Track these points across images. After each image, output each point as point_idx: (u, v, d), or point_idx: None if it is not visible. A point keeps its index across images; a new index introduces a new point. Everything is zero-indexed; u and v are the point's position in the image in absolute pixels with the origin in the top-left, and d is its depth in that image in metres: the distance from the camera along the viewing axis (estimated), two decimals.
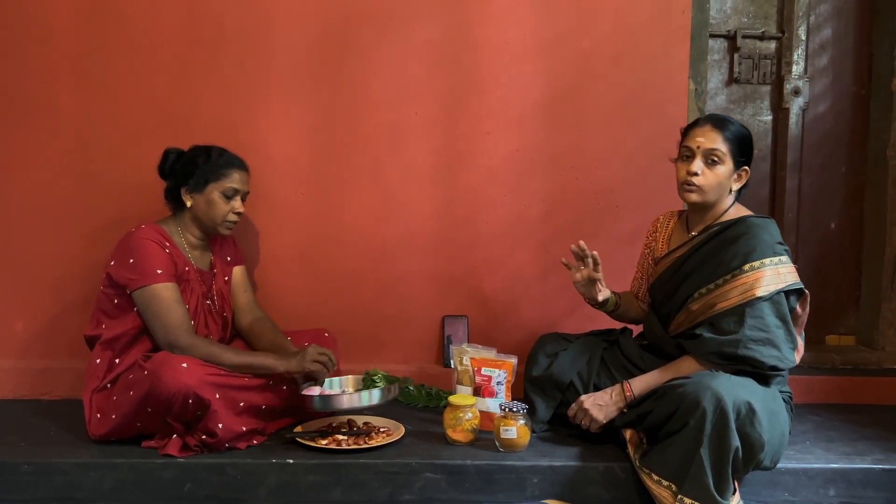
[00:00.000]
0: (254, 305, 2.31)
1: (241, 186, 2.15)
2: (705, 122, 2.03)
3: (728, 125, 2.00)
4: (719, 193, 2.01)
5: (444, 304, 2.55)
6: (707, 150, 1.98)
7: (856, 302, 2.87)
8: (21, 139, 2.42)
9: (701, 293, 1.98)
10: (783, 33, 2.78)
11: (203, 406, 1.88)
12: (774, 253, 1.94)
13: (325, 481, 1.89)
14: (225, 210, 2.13)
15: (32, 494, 1.85)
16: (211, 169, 2.11)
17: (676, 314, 2.05)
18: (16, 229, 2.44)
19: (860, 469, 1.97)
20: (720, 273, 1.95)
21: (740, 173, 2.02)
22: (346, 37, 2.47)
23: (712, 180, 1.98)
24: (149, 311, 1.99)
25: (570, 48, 2.51)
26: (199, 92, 2.44)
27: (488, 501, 1.90)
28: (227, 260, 2.28)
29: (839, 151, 2.84)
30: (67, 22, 2.40)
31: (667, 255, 2.12)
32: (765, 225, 2.00)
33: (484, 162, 2.53)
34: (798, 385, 2.46)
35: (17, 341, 2.45)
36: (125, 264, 2.01)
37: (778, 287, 1.91)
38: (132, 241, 2.03)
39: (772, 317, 1.90)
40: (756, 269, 1.91)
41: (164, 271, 2.01)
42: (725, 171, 1.99)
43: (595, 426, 1.99)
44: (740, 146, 1.99)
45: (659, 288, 2.12)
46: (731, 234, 1.99)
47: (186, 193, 2.12)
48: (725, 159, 1.98)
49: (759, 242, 1.94)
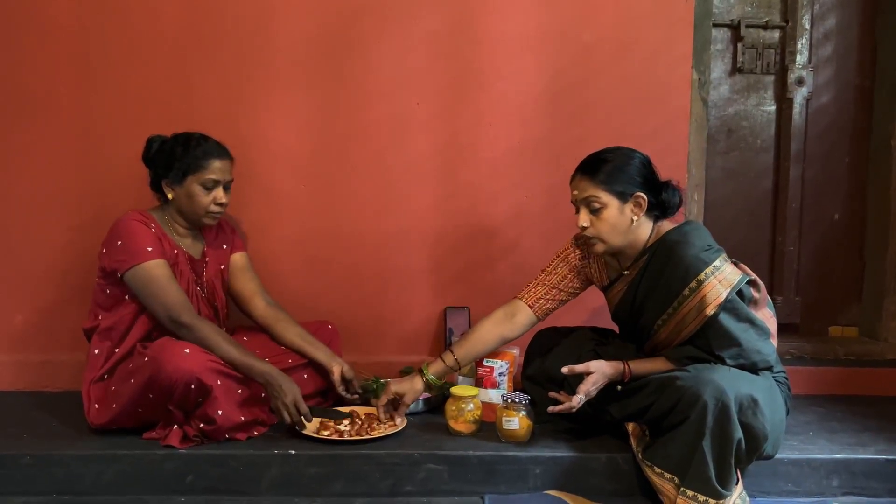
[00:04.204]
0: (263, 290, 2.25)
1: (221, 177, 2.08)
2: (577, 170, 1.97)
3: (598, 165, 1.92)
4: (621, 233, 1.92)
5: (445, 295, 2.54)
6: (584, 199, 1.93)
7: (859, 293, 2.86)
8: (21, 133, 2.42)
9: (658, 325, 1.93)
10: (787, 23, 2.76)
11: (205, 392, 1.87)
12: (706, 263, 1.84)
13: (326, 472, 1.88)
14: (206, 202, 2.07)
15: (33, 487, 1.85)
16: (189, 161, 2.04)
17: (647, 341, 2.01)
18: (16, 223, 2.44)
19: (864, 460, 1.96)
20: (668, 302, 1.89)
21: (637, 201, 1.91)
22: (347, 29, 2.45)
23: (603, 228, 1.92)
24: (145, 291, 1.96)
25: (573, 39, 2.50)
26: (199, 86, 2.43)
27: (490, 492, 1.90)
28: (223, 248, 2.24)
29: (843, 142, 2.83)
30: (67, 17, 2.39)
31: (610, 286, 2.07)
32: (683, 238, 1.90)
33: (485, 154, 2.52)
34: (801, 376, 2.47)
35: (17, 334, 2.45)
36: (114, 248, 2.00)
37: (726, 295, 1.83)
38: (118, 225, 2.02)
39: (734, 325, 1.84)
40: (695, 289, 1.84)
41: (153, 249, 1.99)
42: (613, 213, 1.90)
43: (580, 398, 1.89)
44: (620, 179, 1.90)
45: (619, 318, 2.10)
46: (659, 259, 1.91)
47: (167, 186, 2.08)
48: (606, 200, 1.90)
49: (686, 261, 1.85)
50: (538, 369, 2.14)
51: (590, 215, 1.93)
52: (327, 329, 2.31)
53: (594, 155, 1.97)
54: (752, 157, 2.83)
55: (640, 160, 1.96)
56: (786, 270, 2.80)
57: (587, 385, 1.89)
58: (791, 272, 2.81)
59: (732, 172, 2.82)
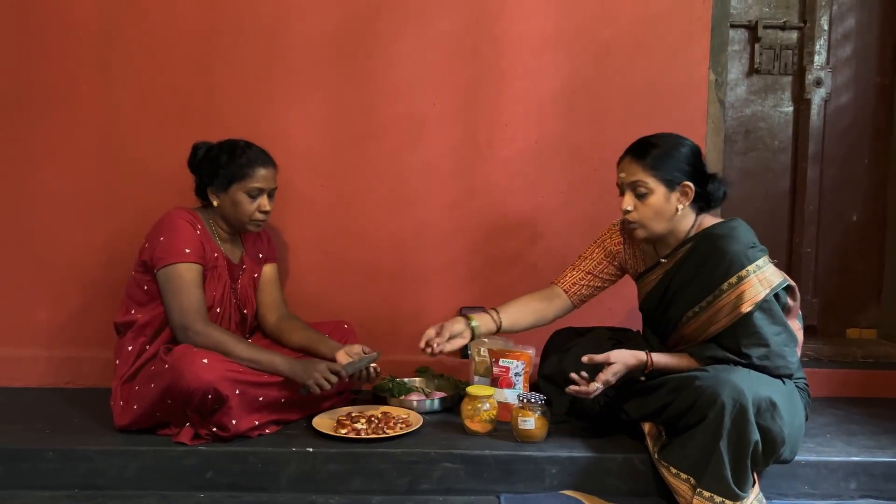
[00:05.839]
0: (281, 304, 2.28)
1: (265, 185, 2.10)
2: (626, 153, 1.95)
3: (647, 149, 1.90)
4: (664, 220, 1.92)
5: (461, 295, 2.55)
6: (630, 183, 1.91)
7: (877, 295, 2.84)
8: (44, 131, 2.45)
9: (688, 316, 1.93)
10: (805, 23, 2.75)
11: (221, 401, 1.89)
12: (750, 260, 1.84)
13: (344, 470, 1.90)
14: (251, 210, 2.09)
15: (56, 481, 1.88)
16: (234, 169, 2.06)
17: (671, 334, 2.00)
18: (39, 220, 2.47)
19: (882, 462, 1.95)
20: (703, 295, 1.88)
21: (684, 190, 1.91)
22: (365, 28, 2.47)
23: (646, 213, 1.91)
24: (168, 289, 1.98)
25: (590, 39, 2.50)
26: (219, 84, 2.46)
27: (506, 492, 1.91)
28: (259, 257, 2.26)
29: (862, 143, 2.80)
30: (89, 14, 2.43)
31: (644, 274, 2.06)
32: (730, 234, 1.88)
33: (502, 154, 2.52)
34: (818, 378, 2.45)
35: (41, 331, 2.49)
36: (156, 243, 2.02)
37: (764, 294, 1.82)
38: (165, 220, 2.05)
39: (768, 326, 1.84)
40: (735, 285, 1.83)
41: (192, 251, 2.00)
42: (658, 199, 1.90)
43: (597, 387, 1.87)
44: (669, 167, 1.89)
45: (647, 308, 2.08)
46: (700, 251, 1.90)
47: (212, 193, 2.10)
48: (653, 187, 1.89)
49: (731, 256, 1.84)
50: (555, 368, 2.14)
51: (634, 199, 1.92)
52: (343, 328, 2.32)
53: (645, 139, 1.95)
54: (770, 158, 2.82)
55: (691, 148, 1.94)
56: (803, 272, 2.78)
57: (607, 374, 1.87)
58: (809, 273, 2.80)
59: (750, 173, 2.81)
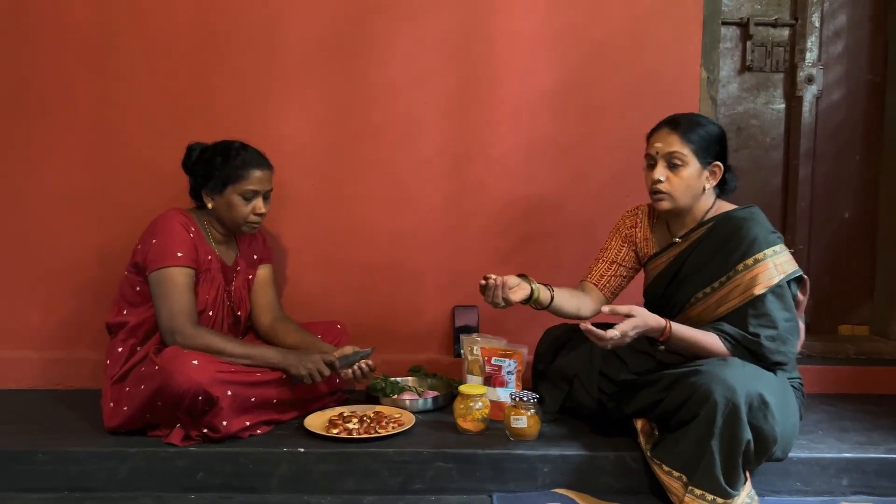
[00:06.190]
0: (275, 305, 2.27)
1: (260, 187, 2.08)
2: (663, 125, 1.96)
3: (687, 124, 1.92)
4: (692, 196, 1.94)
5: (454, 294, 2.54)
6: (666, 154, 1.92)
7: (870, 292, 2.85)
8: (38, 131, 2.45)
9: (697, 297, 1.94)
10: (796, 20, 2.75)
11: (212, 403, 1.88)
12: (768, 244, 1.87)
13: (336, 470, 1.90)
14: (245, 212, 2.07)
15: (47, 483, 1.87)
16: (229, 171, 2.04)
17: (675, 317, 1.99)
18: (33, 222, 2.46)
19: (874, 459, 1.96)
20: (716, 276, 1.89)
21: (713, 170, 1.94)
22: (359, 28, 2.47)
23: (678, 185, 1.92)
24: (159, 292, 1.97)
25: (582, 37, 2.50)
26: (213, 83, 2.45)
27: (499, 491, 1.90)
28: (254, 259, 2.25)
29: (854, 140, 2.81)
30: (83, 14, 2.42)
31: (654, 257, 2.07)
32: (752, 217, 1.92)
33: (495, 152, 2.52)
34: (811, 375, 2.45)
35: (33, 332, 2.48)
36: (149, 245, 2.01)
37: (779, 279, 1.85)
38: (159, 222, 2.04)
39: (779, 310, 1.86)
40: (750, 266, 1.85)
41: (184, 255, 2.00)
42: (692, 173, 1.91)
43: (615, 334, 1.80)
44: (705, 144, 1.91)
45: (654, 291, 2.08)
46: (719, 233, 1.92)
47: (207, 195, 2.08)
48: (689, 160, 1.90)
49: (751, 238, 1.87)
50: (551, 367, 2.14)
51: (667, 171, 1.92)
52: (336, 329, 2.32)
53: (681, 114, 1.98)
54: (762, 155, 2.82)
55: (722, 131, 1.98)
56: None
57: (626, 326, 1.81)
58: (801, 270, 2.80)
59: (742, 170, 2.74)
